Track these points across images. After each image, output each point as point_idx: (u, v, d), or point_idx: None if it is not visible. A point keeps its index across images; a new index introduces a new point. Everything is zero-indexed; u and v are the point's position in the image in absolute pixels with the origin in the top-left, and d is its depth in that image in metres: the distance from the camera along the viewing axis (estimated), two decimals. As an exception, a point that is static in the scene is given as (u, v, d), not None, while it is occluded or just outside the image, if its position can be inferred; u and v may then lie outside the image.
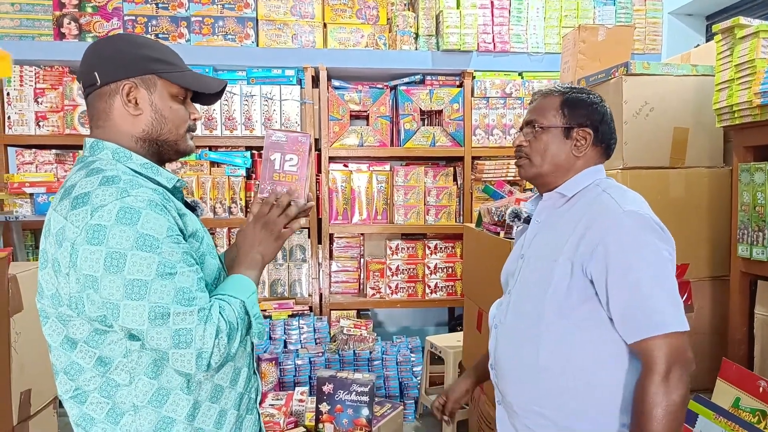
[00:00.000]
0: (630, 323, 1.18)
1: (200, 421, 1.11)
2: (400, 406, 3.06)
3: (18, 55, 3.29)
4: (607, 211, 1.23)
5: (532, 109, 1.42)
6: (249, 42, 3.49)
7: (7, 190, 3.16)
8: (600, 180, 1.35)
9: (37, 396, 2.04)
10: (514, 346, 1.34)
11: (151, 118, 1.12)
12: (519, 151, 1.40)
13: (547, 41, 3.57)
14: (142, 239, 0.97)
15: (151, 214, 0.99)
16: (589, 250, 1.20)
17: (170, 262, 0.99)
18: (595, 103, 1.36)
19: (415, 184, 3.60)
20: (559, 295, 1.24)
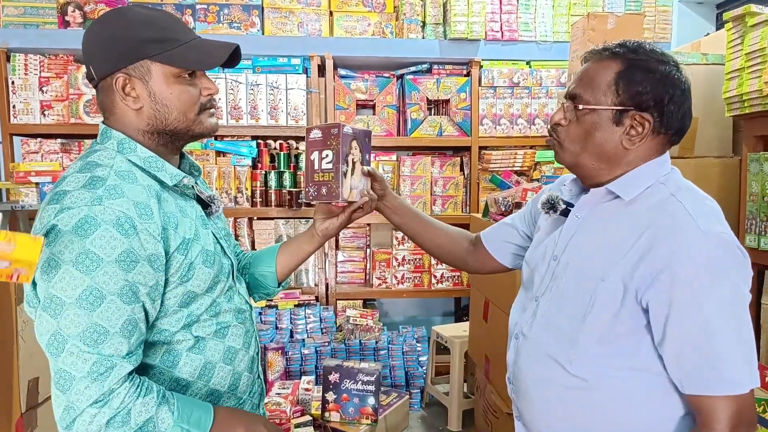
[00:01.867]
0: (690, 373, 0.97)
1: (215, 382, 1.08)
2: (406, 396, 3.07)
3: (22, 43, 3.30)
4: (679, 228, 0.97)
5: (581, 75, 1.09)
6: (254, 30, 3.47)
7: (13, 179, 3.16)
8: (666, 176, 1.07)
9: (44, 384, 2.05)
10: (538, 365, 1.13)
11: (152, 109, 1.02)
12: (554, 129, 1.12)
13: (555, 29, 3.54)
14: (84, 256, 0.88)
15: (109, 231, 0.90)
16: (651, 275, 0.97)
17: (100, 290, 0.89)
18: (666, 75, 1.02)
19: (421, 173, 3.59)
20: (603, 322, 1.03)
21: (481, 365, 2.68)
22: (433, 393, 3.25)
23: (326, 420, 2.73)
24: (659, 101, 1.02)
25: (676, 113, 1.04)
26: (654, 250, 0.97)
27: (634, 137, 1.04)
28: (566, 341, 1.07)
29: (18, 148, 3.44)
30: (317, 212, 1.34)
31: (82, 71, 3.34)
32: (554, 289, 1.13)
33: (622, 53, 1.05)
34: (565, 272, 1.11)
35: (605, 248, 1.05)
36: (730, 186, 1.95)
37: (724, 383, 0.94)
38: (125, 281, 0.91)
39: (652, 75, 1.02)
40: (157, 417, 0.92)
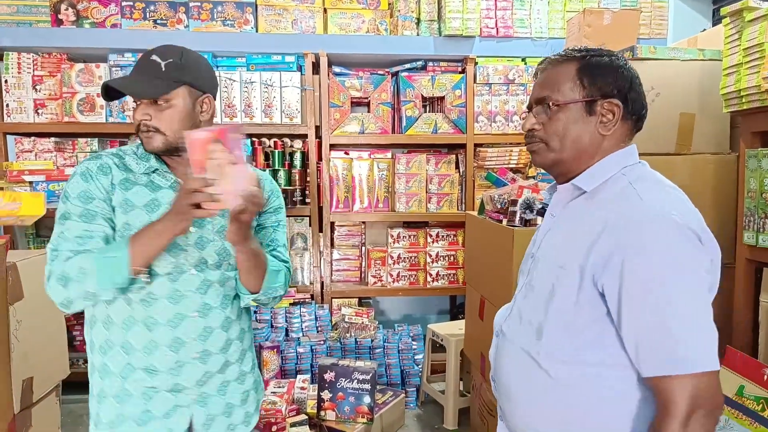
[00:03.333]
0: (646, 354, 0.97)
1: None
2: (402, 394, 3.06)
3: (15, 42, 3.27)
4: (630, 211, 1.00)
5: (541, 81, 1.16)
6: (248, 28, 3.45)
7: (7, 178, 3.14)
8: (629, 168, 1.11)
9: (39, 384, 2.04)
10: (515, 364, 1.15)
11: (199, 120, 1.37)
12: (530, 136, 1.16)
13: (551, 26, 3.53)
14: (64, 192, 1.32)
15: (76, 178, 1.32)
16: (603, 258, 0.99)
17: (68, 212, 1.30)
18: (620, 67, 1.11)
19: (416, 171, 3.57)
20: (565, 310, 1.05)
21: (477, 363, 2.67)
22: (429, 391, 3.24)
23: (322, 419, 2.72)
24: (621, 89, 1.09)
25: (638, 100, 1.11)
26: (605, 235, 1.00)
27: (608, 123, 1.10)
28: (534, 333, 1.10)
29: (12, 147, 3.41)
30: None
31: (76, 69, 3.32)
32: (526, 285, 1.17)
33: (576, 55, 1.14)
34: (537, 268, 1.15)
35: (567, 240, 1.09)
36: (727, 182, 1.94)
37: (677, 362, 0.94)
38: (84, 209, 1.30)
39: (609, 67, 1.10)
40: (83, 264, 1.26)
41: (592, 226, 1.04)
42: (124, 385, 1.34)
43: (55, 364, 2.20)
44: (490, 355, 1.27)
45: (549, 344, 1.07)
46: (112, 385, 1.35)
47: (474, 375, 2.80)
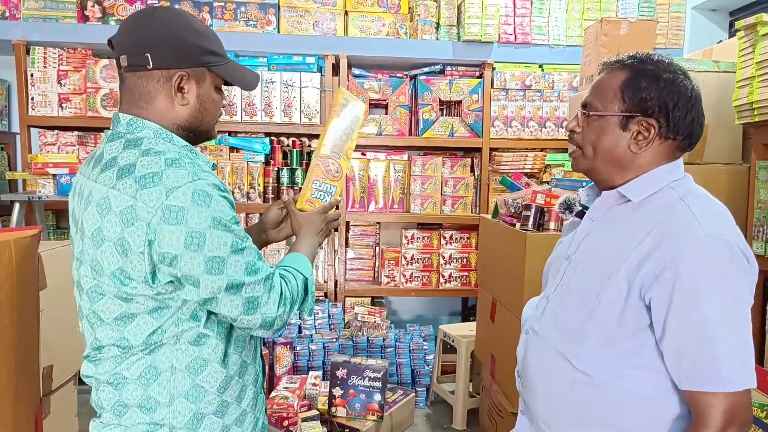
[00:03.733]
0: (687, 369, 1.00)
1: (227, 394, 1.15)
2: (412, 393, 3.10)
3: (42, 37, 3.34)
4: (684, 229, 1.01)
5: (594, 85, 1.17)
6: (270, 28, 3.51)
7: (31, 170, 3.22)
8: (677, 182, 1.10)
9: (58, 372, 2.09)
10: (546, 362, 1.18)
11: (194, 109, 1.14)
12: (571, 138, 1.19)
13: (568, 33, 3.55)
14: (216, 220, 1.03)
15: (218, 198, 1.05)
16: (654, 273, 1.00)
17: (238, 238, 1.07)
18: (670, 82, 1.08)
19: (432, 174, 3.62)
20: (609, 320, 1.06)
21: (487, 365, 2.71)
22: (439, 391, 3.28)
23: (333, 415, 2.77)
24: (664, 107, 1.07)
25: (683, 119, 1.08)
26: (659, 250, 1.01)
27: (641, 141, 1.09)
28: (573, 338, 1.11)
29: (35, 140, 3.49)
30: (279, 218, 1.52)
31: (101, 65, 3.40)
32: (563, 287, 1.17)
33: (630, 63, 1.11)
34: (575, 271, 1.15)
35: (612, 248, 1.09)
36: (739, 193, 1.96)
37: (719, 380, 0.97)
38: (239, 230, 1.09)
39: (656, 82, 1.07)
40: (299, 283, 1.20)
41: (642, 238, 1.04)
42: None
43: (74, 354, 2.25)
44: (518, 351, 1.29)
45: (587, 349, 1.09)
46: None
47: (484, 376, 2.84)
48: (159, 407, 1.09)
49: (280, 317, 1.12)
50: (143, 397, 1.09)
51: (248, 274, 1.07)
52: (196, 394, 1.11)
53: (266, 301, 1.10)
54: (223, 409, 1.15)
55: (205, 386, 1.12)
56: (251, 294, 1.08)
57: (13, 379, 1.71)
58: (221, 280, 1.04)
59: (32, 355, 1.88)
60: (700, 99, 1.11)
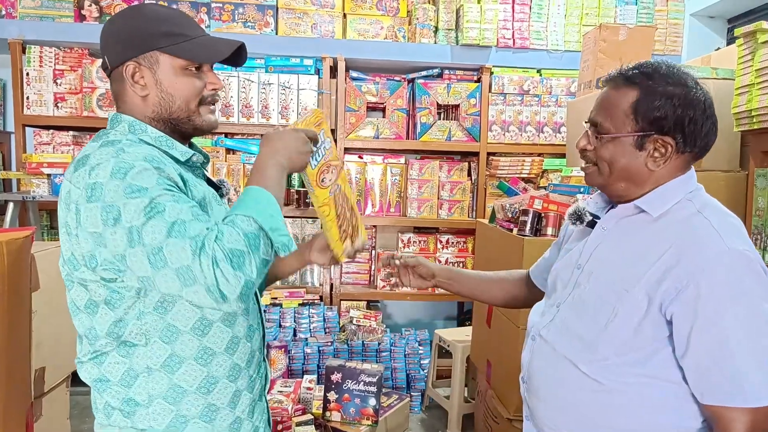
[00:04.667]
0: (708, 383, 1.00)
1: (215, 397, 1.11)
2: (407, 398, 3.08)
3: (38, 35, 3.32)
4: (705, 243, 1.01)
5: (600, 102, 1.14)
6: (268, 30, 3.50)
7: (25, 169, 3.19)
8: (692, 194, 1.10)
9: (50, 374, 2.07)
10: (553, 368, 1.16)
11: (158, 97, 1.10)
12: (584, 155, 1.17)
13: (567, 39, 3.56)
14: (130, 188, 0.95)
15: (143, 165, 0.98)
16: (676, 288, 1.00)
17: (157, 202, 0.95)
18: (683, 97, 1.05)
19: (429, 177, 3.61)
20: (625, 332, 1.05)
21: (483, 370, 2.69)
22: (434, 396, 3.26)
23: (327, 419, 2.75)
24: (679, 123, 1.05)
25: (699, 132, 1.06)
26: (680, 265, 1.00)
27: (658, 159, 1.08)
28: (584, 348, 1.10)
29: (30, 139, 3.46)
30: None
31: (96, 65, 3.38)
32: (576, 296, 1.16)
33: (639, 81, 1.08)
34: (588, 281, 1.14)
35: (630, 260, 1.08)
36: (737, 200, 1.96)
37: (742, 396, 0.97)
38: (171, 193, 0.98)
39: (669, 100, 1.05)
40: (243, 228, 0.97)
41: (662, 252, 1.03)
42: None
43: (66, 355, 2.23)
44: (523, 358, 1.27)
45: (600, 359, 1.08)
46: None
47: (479, 381, 2.82)
48: (139, 409, 1.08)
49: (223, 282, 0.93)
50: (125, 398, 1.08)
51: (170, 236, 0.94)
52: (174, 394, 1.08)
53: (199, 268, 0.92)
54: (212, 413, 1.11)
55: (182, 385, 1.08)
56: (178, 263, 0.93)
57: (4, 383, 1.69)
58: (143, 253, 0.94)
59: (24, 358, 1.86)
60: (713, 105, 1.09)
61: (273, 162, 1.07)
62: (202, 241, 0.94)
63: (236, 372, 1.14)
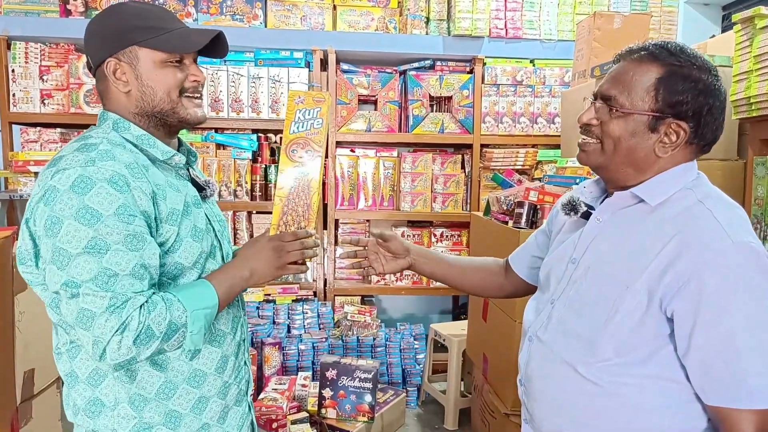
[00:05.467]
0: (714, 384, 0.95)
1: (176, 403, 1.09)
2: (403, 393, 3.06)
3: (23, 31, 3.26)
4: (709, 236, 0.95)
5: (615, 75, 1.05)
6: (257, 23, 3.45)
7: (12, 168, 3.14)
8: (693, 183, 1.04)
9: (40, 375, 2.04)
10: (552, 371, 1.12)
11: (139, 91, 1.09)
12: (586, 130, 1.08)
13: (560, 28, 3.52)
14: (84, 211, 0.94)
15: (105, 188, 0.96)
16: (678, 283, 0.95)
17: (104, 240, 0.95)
18: (707, 85, 0.99)
19: (422, 170, 3.57)
20: (625, 330, 1.00)
21: (479, 365, 2.67)
22: (430, 391, 3.24)
23: (323, 416, 2.72)
24: (698, 111, 0.99)
25: (712, 124, 1.01)
26: (682, 259, 0.95)
27: (668, 145, 1.02)
28: (584, 348, 1.05)
29: (17, 137, 3.41)
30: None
31: (83, 61, 3.32)
32: (572, 293, 1.10)
33: (663, 57, 1.01)
34: (585, 277, 1.08)
35: (629, 254, 1.02)
36: (734, 189, 1.93)
37: (749, 397, 0.92)
38: (127, 232, 0.97)
39: (694, 84, 0.99)
40: (173, 317, 0.99)
41: (662, 245, 0.98)
42: None
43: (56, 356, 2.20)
44: (520, 359, 1.22)
45: (600, 359, 1.03)
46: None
47: (476, 376, 2.80)
48: (104, 410, 1.06)
49: (114, 349, 0.93)
50: (90, 398, 1.07)
51: (94, 281, 0.93)
52: (137, 401, 1.07)
53: (102, 323, 0.92)
54: (175, 420, 1.09)
55: (142, 393, 1.07)
56: (87, 306, 0.93)
57: (-15, 389, 1.65)
58: (60, 276, 0.95)
59: (7, 363, 1.81)
60: (725, 100, 1.04)
61: (240, 272, 1.12)
62: (123, 302, 0.94)
63: (200, 378, 1.12)
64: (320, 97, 1.24)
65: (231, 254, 1.26)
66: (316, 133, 1.24)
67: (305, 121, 1.22)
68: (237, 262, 1.14)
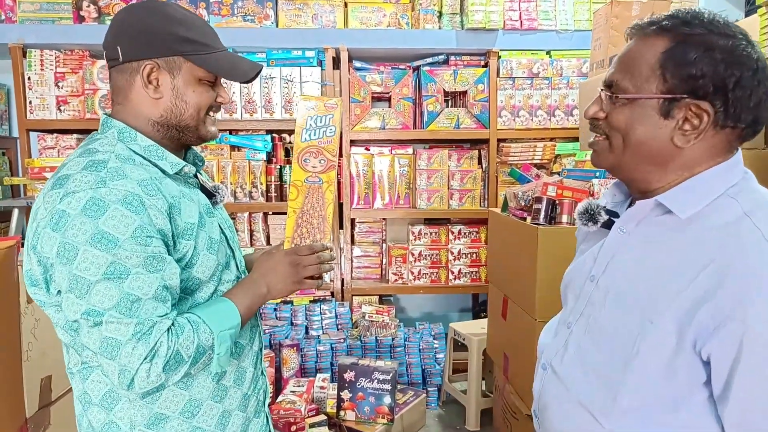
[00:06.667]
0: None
1: (200, 420, 1.07)
2: (423, 394, 3.02)
3: (38, 39, 3.29)
4: (756, 264, 0.76)
5: (621, 56, 0.90)
6: (268, 23, 3.42)
7: (29, 175, 3.17)
8: (737, 187, 0.85)
9: (57, 382, 2.03)
10: (568, 412, 0.97)
11: (171, 103, 1.06)
12: (594, 125, 0.93)
13: (576, 18, 3.43)
14: (99, 236, 0.90)
15: (119, 210, 0.91)
16: (715, 320, 0.77)
17: (123, 265, 0.91)
18: (731, 52, 0.80)
19: (438, 167, 3.52)
20: (651, 374, 0.84)
21: (500, 364, 2.61)
22: (451, 391, 3.19)
23: (342, 419, 2.69)
24: (721, 86, 0.80)
25: (746, 101, 0.81)
26: (722, 291, 0.77)
27: (689, 133, 0.83)
28: (603, 390, 0.90)
29: (35, 144, 3.44)
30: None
31: (98, 66, 3.33)
32: (590, 318, 0.95)
33: (672, 26, 0.84)
34: (605, 300, 0.92)
35: (653, 279, 0.85)
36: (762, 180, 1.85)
37: None
38: (146, 254, 0.93)
39: (710, 53, 0.80)
40: (201, 339, 0.97)
41: (696, 271, 0.80)
42: None
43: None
44: (534, 388, 1.09)
45: (621, 408, 0.88)
46: None
47: (497, 375, 2.75)
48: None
49: (143, 377, 0.91)
50: (106, 422, 1.03)
51: (117, 308, 0.90)
52: (157, 422, 1.03)
53: (129, 351, 0.90)
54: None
55: (164, 412, 1.04)
56: (111, 334, 0.90)
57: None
58: (80, 305, 0.91)
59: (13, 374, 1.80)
60: (766, 70, 0.83)
61: (258, 289, 1.11)
62: (149, 327, 0.92)
63: (222, 392, 1.09)
64: (332, 103, 1.21)
65: (243, 260, 1.23)
66: (329, 142, 1.21)
67: (317, 129, 1.21)
68: (254, 277, 1.13)
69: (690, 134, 0.84)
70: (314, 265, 1.15)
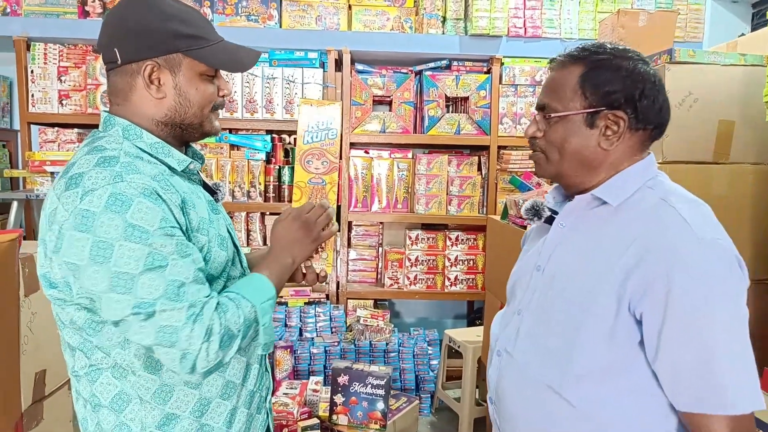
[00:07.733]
0: (686, 390, 0.91)
1: (209, 417, 1.06)
2: (416, 400, 2.99)
3: (42, 33, 3.29)
4: (675, 235, 0.92)
5: (546, 85, 1.09)
6: (272, 23, 3.42)
7: (29, 168, 3.16)
8: (653, 180, 1.03)
9: (51, 377, 2.02)
10: (526, 391, 1.06)
11: (174, 102, 1.04)
12: (533, 144, 1.10)
13: (581, 27, 3.42)
14: (131, 228, 0.89)
15: (143, 202, 0.91)
16: (644, 285, 0.91)
17: (160, 254, 0.91)
18: (630, 70, 1.00)
19: (437, 172, 3.50)
20: (598, 341, 0.96)
21: (494, 372, 2.60)
22: (444, 398, 3.17)
23: (334, 423, 2.67)
24: (630, 97, 0.99)
25: (652, 107, 1.01)
26: (647, 259, 0.92)
27: (611, 137, 1.02)
28: (557, 365, 1.01)
29: (35, 137, 3.43)
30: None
31: (101, 61, 3.31)
32: (539, 303, 1.07)
33: (585, 55, 1.04)
34: (551, 287, 1.05)
35: (594, 260, 1.00)
36: (766, 194, 1.84)
37: (722, 403, 0.89)
38: (175, 241, 0.94)
39: (617, 72, 1.00)
40: (245, 313, 1.00)
41: (626, 246, 0.95)
42: None
43: (66, 357, 2.19)
44: (490, 376, 1.17)
45: (576, 377, 0.98)
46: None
47: (490, 384, 2.73)
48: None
49: (204, 357, 0.93)
50: (116, 423, 1.02)
51: (167, 296, 0.91)
52: (168, 422, 1.03)
53: (188, 334, 0.91)
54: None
55: (175, 412, 1.03)
56: (166, 322, 0.91)
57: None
58: (128, 301, 0.90)
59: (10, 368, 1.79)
60: (662, 84, 1.04)
61: (284, 259, 1.15)
62: (200, 308, 0.94)
63: (230, 389, 1.09)
64: (333, 106, 1.24)
65: (245, 258, 1.24)
66: (331, 144, 1.25)
67: (318, 132, 1.24)
68: (276, 251, 1.16)
69: (612, 137, 1.02)
70: (322, 216, 1.19)
